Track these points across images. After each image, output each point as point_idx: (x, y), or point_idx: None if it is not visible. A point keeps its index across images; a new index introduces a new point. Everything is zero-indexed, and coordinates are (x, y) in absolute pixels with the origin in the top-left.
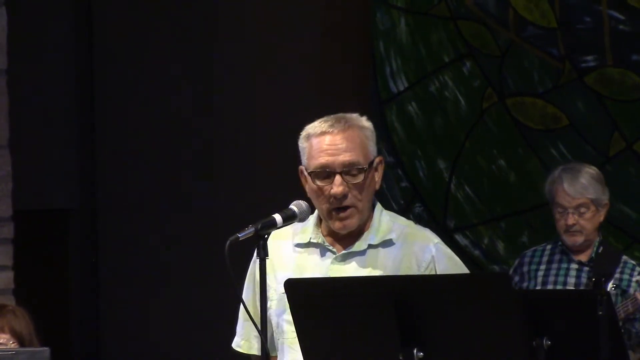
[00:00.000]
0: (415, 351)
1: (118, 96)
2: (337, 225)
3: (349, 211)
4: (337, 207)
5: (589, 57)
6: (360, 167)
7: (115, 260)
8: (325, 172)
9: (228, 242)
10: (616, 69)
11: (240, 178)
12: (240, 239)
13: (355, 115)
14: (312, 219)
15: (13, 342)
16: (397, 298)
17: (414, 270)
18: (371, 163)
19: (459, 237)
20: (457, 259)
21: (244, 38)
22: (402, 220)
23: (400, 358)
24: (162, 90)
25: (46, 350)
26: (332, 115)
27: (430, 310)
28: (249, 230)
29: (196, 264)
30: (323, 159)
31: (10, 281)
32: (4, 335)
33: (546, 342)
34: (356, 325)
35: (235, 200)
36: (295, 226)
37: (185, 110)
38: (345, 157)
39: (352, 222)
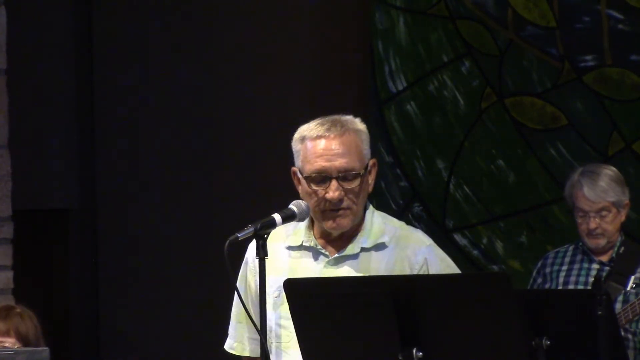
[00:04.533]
0: (414, 351)
1: (118, 96)
2: (329, 224)
3: (342, 212)
4: (331, 209)
5: (588, 57)
6: (356, 172)
7: (115, 260)
8: (321, 177)
9: (227, 242)
10: (615, 68)
11: (240, 178)
12: (240, 239)
13: (350, 118)
14: (305, 220)
15: (18, 346)
16: (396, 298)
17: (406, 273)
18: (366, 167)
19: (457, 237)
20: (450, 261)
21: (243, 38)
22: (394, 221)
23: (400, 358)
24: (162, 90)
25: (46, 350)
26: (327, 118)
27: (429, 310)
28: (249, 230)
29: (196, 264)
30: (319, 164)
31: (10, 281)
32: (9, 339)
33: (546, 342)
34: (356, 325)
35: (235, 200)
36: (288, 227)
37: (185, 111)
38: (341, 163)
39: (345, 223)
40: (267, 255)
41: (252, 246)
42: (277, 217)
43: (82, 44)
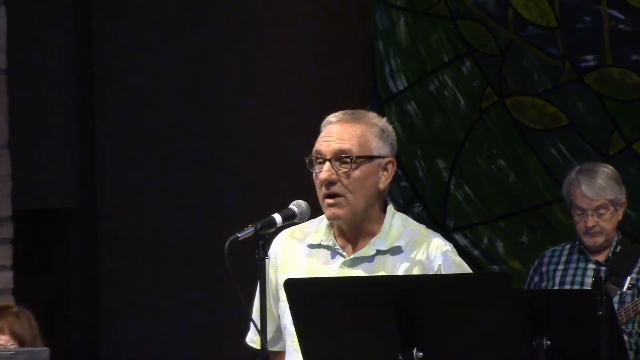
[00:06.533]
0: (415, 351)
1: (118, 96)
2: (327, 213)
3: (336, 199)
4: (326, 194)
5: (589, 57)
6: (349, 155)
7: (115, 260)
8: (318, 159)
9: (227, 242)
10: (616, 68)
11: (240, 178)
12: (240, 239)
13: (371, 113)
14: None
15: (12, 344)
16: (397, 298)
17: None
18: (370, 157)
19: (458, 237)
20: (466, 267)
21: (244, 38)
22: (413, 225)
23: (400, 358)
24: (162, 90)
25: (46, 350)
26: (353, 110)
27: (430, 310)
28: (249, 231)
29: (196, 264)
30: (317, 146)
31: (10, 281)
32: (3, 337)
33: (546, 342)
34: (356, 326)
35: (235, 200)
36: (311, 225)
37: (186, 111)
38: (336, 145)
39: (341, 213)
40: (267, 256)
41: (276, 242)
42: (277, 217)
43: (82, 44)
